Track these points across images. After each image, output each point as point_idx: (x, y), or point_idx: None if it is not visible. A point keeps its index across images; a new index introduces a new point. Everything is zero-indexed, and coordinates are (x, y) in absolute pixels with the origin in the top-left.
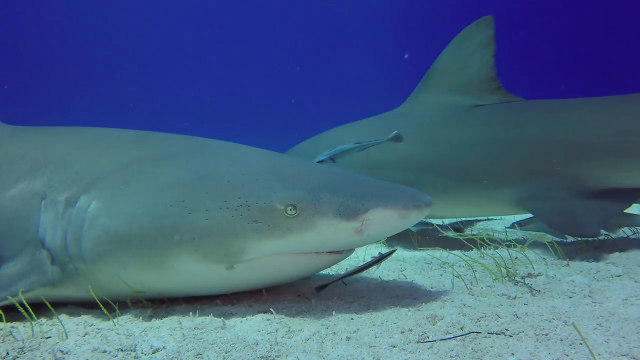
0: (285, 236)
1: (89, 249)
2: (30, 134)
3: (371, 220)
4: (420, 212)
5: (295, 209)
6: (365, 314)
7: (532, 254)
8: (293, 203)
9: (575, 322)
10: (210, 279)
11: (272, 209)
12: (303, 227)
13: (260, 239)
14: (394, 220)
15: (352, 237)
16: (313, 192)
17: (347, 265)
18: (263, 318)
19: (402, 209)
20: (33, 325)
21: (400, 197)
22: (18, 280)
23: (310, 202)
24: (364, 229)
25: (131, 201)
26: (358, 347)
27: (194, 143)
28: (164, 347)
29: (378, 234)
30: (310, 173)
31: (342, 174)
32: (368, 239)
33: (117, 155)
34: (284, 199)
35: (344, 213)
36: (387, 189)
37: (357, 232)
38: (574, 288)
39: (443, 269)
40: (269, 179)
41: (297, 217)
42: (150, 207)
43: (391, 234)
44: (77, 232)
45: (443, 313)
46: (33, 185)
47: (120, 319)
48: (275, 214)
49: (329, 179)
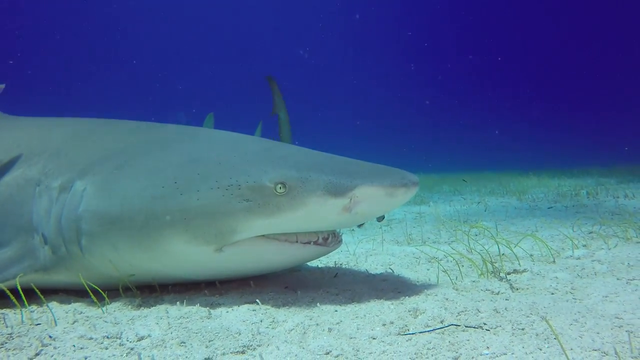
0: (275, 214)
1: (82, 230)
2: (26, 124)
3: (359, 197)
4: (408, 191)
5: (284, 187)
6: (349, 306)
7: (519, 250)
8: (283, 181)
9: (552, 317)
10: (199, 261)
11: (262, 188)
12: (293, 205)
13: (251, 218)
14: (381, 198)
15: (340, 215)
16: (302, 170)
17: (337, 259)
18: (249, 308)
19: (390, 186)
20: (22, 312)
21: (388, 176)
22: (10, 265)
23: (299, 179)
24: (352, 207)
25: (123, 184)
26: (339, 338)
27: (185, 130)
28: (149, 335)
29: (367, 213)
30: (299, 154)
31: (330, 156)
32: (357, 218)
33: (111, 143)
34: (273, 177)
35: (332, 190)
36: (375, 168)
37: (346, 210)
38: (557, 284)
39: (430, 263)
40: (259, 160)
41: (287, 194)
42: (141, 188)
43: (380, 214)
44: (70, 215)
45: (425, 306)
46: (28, 173)
47: (109, 307)
48: (265, 192)
49: (318, 160)
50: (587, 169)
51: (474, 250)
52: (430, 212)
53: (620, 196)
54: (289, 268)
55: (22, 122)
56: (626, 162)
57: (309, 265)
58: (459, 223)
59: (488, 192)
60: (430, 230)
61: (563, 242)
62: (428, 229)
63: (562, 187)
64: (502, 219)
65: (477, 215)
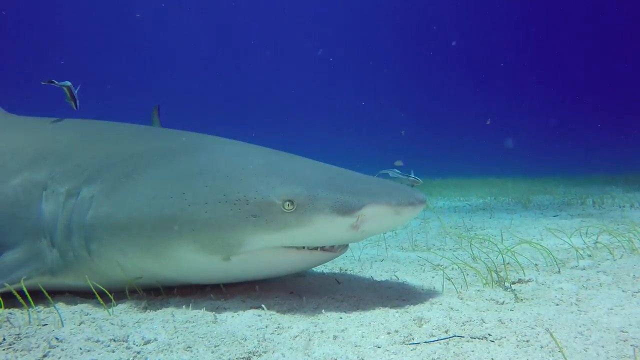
0: (282, 230)
1: (90, 236)
2: (33, 125)
3: (366, 216)
4: (415, 209)
5: (292, 204)
6: (354, 313)
7: (524, 259)
8: (291, 198)
9: (557, 330)
10: (206, 268)
11: (270, 204)
12: (300, 222)
13: (258, 233)
14: (388, 216)
15: (348, 232)
16: (310, 188)
17: (341, 265)
18: (254, 314)
19: (397, 205)
20: (30, 313)
21: (395, 194)
22: (17, 268)
23: (307, 197)
24: (359, 224)
25: (133, 193)
26: (344, 346)
27: (193, 138)
28: (155, 339)
29: (373, 230)
30: (308, 169)
31: (338, 171)
32: (363, 235)
33: (118, 149)
34: (281, 194)
35: (340, 209)
36: (382, 186)
37: (353, 228)
38: (562, 295)
39: (435, 271)
40: (267, 175)
41: (295, 212)
42: (151, 198)
43: (386, 231)
44: (79, 221)
45: (430, 315)
46: (35, 176)
47: (116, 309)
48: (273, 209)
49: (326, 176)
50: (592, 176)
51: (478, 258)
52: (435, 218)
53: (627, 205)
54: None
55: (29, 122)
56: (633, 170)
57: (314, 271)
58: (464, 230)
59: (493, 199)
60: (435, 236)
61: (568, 252)
62: (433, 235)
63: (568, 195)
64: (507, 227)
65: (482, 222)
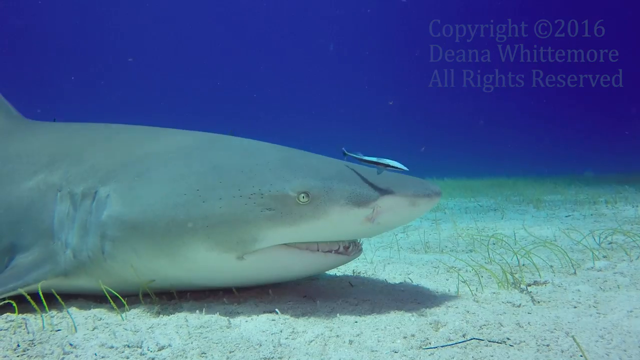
0: (297, 223)
1: (105, 236)
2: (48, 129)
3: (382, 207)
4: (430, 200)
5: (307, 197)
6: (369, 317)
7: (539, 261)
8: (306, 190)
9: (577, 333)
10: (220, 268)
11: (285, 197)
12: (315, 215)
13: (273, 227)
14: (404, 208)
15: (363, 225)
16: (325, 180)
17: (355, 267)
18: (268, 318)
19: (413, 196)
20: (43, 318)
21: (411, 186)
22: (31, 270)
23: (322, 189)
24: (375, 216)
25: (146, 191)
26: (360, 351)
27: (205, 137)
28: (169, 344)
29: (389, 223)
30: (321, 163)
31: (352, 165)
32: (379, 228)
33: (131, 150)
34: (296, 186)
35: (356, 200)
36: (398, 178)
37: (369, 220)
38: (579, 298)
39: (449, 273)
40: (281, 169)
41: (310, 204)
42: (164, 196)
43: (402, 224)
44: (94, 221)
45: (446, 319)
46: (49, 178)
47: (129, 314)
48: (288, 202)
49: (340, 169)
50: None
51: (493, 260)
52: (447, 219)
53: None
54: (308, 276)
55: (43, 127)
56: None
57: (327, 274)
58: (476, 231)
59: (504, 199)
60: (447, 238)
61: (583, 252)
62: (445, 236)
63: (579, 195)
64: (519, 227)
65: (494, 223)
